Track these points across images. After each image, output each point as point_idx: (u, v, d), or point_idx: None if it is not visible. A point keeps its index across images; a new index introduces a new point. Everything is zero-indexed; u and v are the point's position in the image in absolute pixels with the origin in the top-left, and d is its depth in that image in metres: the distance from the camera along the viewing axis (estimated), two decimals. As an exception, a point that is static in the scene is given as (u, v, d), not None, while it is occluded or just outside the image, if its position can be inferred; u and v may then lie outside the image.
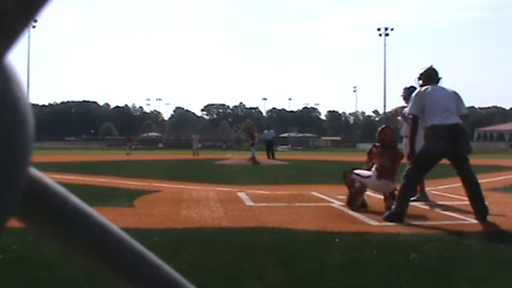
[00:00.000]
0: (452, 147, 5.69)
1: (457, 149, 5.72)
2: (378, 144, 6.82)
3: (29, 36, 53.95)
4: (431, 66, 6.45)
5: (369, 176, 6.50)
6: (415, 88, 7.81)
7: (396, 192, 6.30)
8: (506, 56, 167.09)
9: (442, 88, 6.18)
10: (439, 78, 6.32)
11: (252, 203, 7.00)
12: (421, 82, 6.41)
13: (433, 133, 5.76)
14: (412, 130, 6.12)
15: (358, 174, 6.59)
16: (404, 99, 7.95)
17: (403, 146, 8.43)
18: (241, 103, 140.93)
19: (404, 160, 6.72)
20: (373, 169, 6.56)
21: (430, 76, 6.32)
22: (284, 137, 79.82)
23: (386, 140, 6.80)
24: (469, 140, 6.03)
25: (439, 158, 5.89)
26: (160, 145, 64.60)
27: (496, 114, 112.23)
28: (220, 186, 9.50)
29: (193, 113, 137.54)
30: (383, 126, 7.19)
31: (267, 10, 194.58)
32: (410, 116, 6.19)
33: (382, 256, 3.97)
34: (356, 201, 6.43)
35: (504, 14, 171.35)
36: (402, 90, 8.01)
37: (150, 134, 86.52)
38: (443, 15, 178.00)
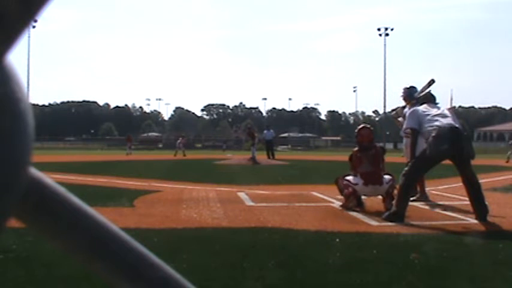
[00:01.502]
0: (456, 149, 5.71)
1: (460, 151, 5.73)
2: (356, 148, 6.82)
3: (29, 36, 53.92)
4: (430, 90, 6.65)
5: (357, 183, 6.49)
6: (414, 88, 7.90)
7: (394, 192, 6.32)
8: (506, 56, 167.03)
9: (438, 107, 6.34)
10: (437, 103, 6.46)
11: (252, 203, 7.00)
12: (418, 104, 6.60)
13: (436, 135, 5.77)
14: (412, 142, 6.16)
15: (348, 181, 6.60)
16: (404, 99, 7.98)
17: (404, 146, 8.44)
18: (241, 103, 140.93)
19: (404, 160, 6.72)
20: (358, 176, 6.55)
21: (427, 98, 6.55)
22: (284, 137, 79.83)
23: (363, 141, 6.81)
24: (472, 144, 6.06)
25: (442, 160, 5.90)
26: (160, 145, 64.57)
27: (496, 114, 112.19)
28: (220, 186, 9.50)
29: (193, 113, 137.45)
30: (360, 126, 7.17)
31: (267, 10, 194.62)
32: (408, 130, 6.26)
33: (382, 256, 3.97)
34: (348, 204, 6.44)
35: (504, 14, 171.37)
36: (402, 91, 8.04)
37: (150, 134, 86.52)
38: (443, 15, 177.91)
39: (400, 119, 8.18)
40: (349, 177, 6.65)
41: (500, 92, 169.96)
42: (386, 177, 6.54)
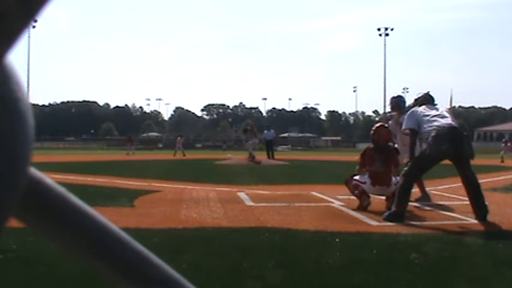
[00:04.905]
0: (456, 149, 5.71)
1: (459, 151, 5.73)
2: (371, 146, 6.80)
3: (29, 36, 53.94)
4: (428, 92, 6.64)
5: (364, 182, 6.50)
6: (402, 98, 8.03)
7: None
8: (506, 56, 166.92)
9: (437, 108, 6.34)
10: (435, 104, 6.44)
11: (252, 203, 6.99)
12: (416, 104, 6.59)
13: (436, 135, 5.77)
14: (412, 143, 6.16)
15: (356, 180, 6.60)
16: (392, 109, 8.02)
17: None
18: (241, 103, 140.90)
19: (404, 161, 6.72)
20: (366, 175, 6.55)
21: (426, 99, 6.52)
22: (284, 137, 79.81)
23: (379, 140, 6.77)
24: (471, 144, 6.05)
25: (441, 159, 5.91)
26: (160, 145, 64.49)
27: (496, 114, 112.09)
28: (220, 186, 9.50)
29: (193, 113, 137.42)
30: (377, 125, 7.14)
31: (267, 10, 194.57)
32: (407, 131, 6.26)
33: (382, 256, 3.97)
34: (363, 204, 6.43)
35: (503, 14, 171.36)
36: (389, 101, 8.10)
37: (150, 134, 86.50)
38: (443, 15, 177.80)
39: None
40: (356, 177, 6.65)
41: (500, 92, 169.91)
42: (395, 178, 6.53)
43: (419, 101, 6.58)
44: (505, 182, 11.58)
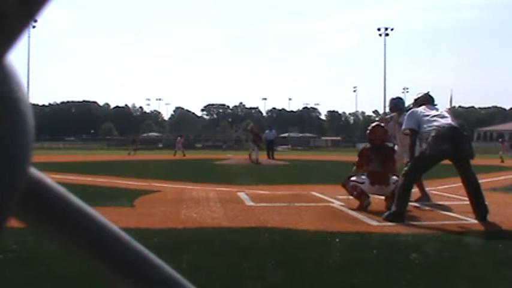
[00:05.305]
0: (455, 149, 5.71)
1: (459, 151, 5.74)
2: (368, 145, 6.81)
3: (29, 36, 53.91)
4: (428, 92, 6.65)
5: (363, 182, 6.51)
6: (401, 99, 8.04)
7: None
8: (506, 56, 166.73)
9: (437, 109, 6.34)
10: (435, 104, 6.45)
11: (252, 203, 7.00)
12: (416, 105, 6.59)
13: (436, 135, 5.77)
14: (412, 143, 6.15)
15: (354, 181, 6.60)
16: (390, 109, 8.04)
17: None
18: (241, 103, 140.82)
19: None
20: (364, 175, 6.56)
21: (425, 99, 6.52)
22: (284, 137, 79.78)
23: (376, 140, 6.77)
24: (471, 144, 6.05)
25: (442, 159, 5.91)
26: (160, 145, 64.45)
27: (496, 114, 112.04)
28: (220, 186, 9.50)
29: (193, 113, 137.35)
30: (373, 124, 7.14)
31: (266, 10, 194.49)
32: (407, 131, 6.26)
33: (382, 256, 3.98)
34: (363, 204, 6.43)
35: (503, 14, 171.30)
36: (389, 102, 8.13)
37: (150, 134, 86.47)
38: (443, 15, 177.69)
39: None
40: (354, 178, 6.65)
41: (500, 92, 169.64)
42: (394, 177, 6.53)
43: (419, 101, 6.59)
44: (505, 182, 11.58)
